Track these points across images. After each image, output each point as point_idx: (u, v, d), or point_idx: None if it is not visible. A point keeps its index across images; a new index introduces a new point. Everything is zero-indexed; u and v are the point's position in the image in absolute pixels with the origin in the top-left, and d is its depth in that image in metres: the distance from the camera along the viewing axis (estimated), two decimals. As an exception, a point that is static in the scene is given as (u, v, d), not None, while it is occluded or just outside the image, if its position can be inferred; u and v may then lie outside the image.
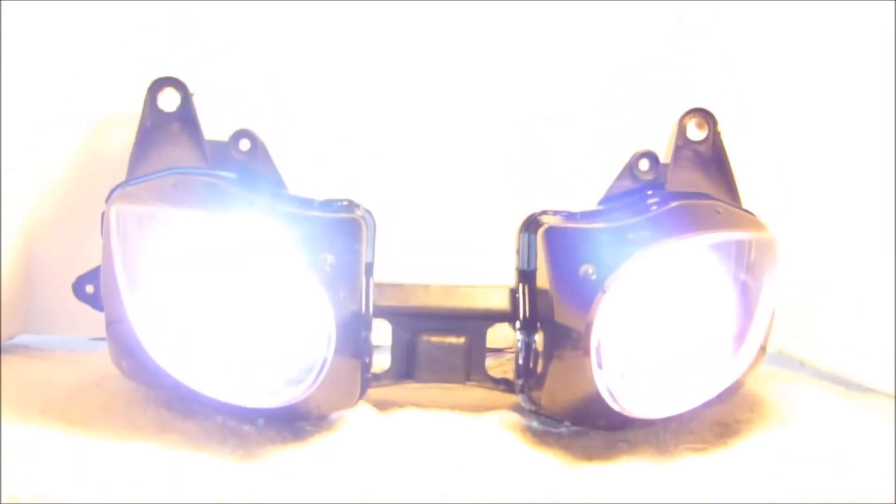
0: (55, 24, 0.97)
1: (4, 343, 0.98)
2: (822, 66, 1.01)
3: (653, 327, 0.80)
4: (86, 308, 0.86)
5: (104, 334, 0.80)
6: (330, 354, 0.74)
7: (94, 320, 0.84)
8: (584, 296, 0.76)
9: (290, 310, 0.77)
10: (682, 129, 0.93)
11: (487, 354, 0.88)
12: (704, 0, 1.03)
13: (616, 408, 0.75)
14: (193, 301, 0.78)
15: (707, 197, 0.86)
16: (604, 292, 0.75)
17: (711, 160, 0.93)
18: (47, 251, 0.99)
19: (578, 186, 0.96)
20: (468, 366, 0.85)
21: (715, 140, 0.93)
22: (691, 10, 1.03)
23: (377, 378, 0.84)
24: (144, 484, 0.70)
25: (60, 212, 0.98)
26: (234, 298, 0.78)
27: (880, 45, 0.96)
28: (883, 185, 0.95)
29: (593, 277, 0.76)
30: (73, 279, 0.86)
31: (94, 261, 0.82)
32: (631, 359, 0.78)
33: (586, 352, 0.75)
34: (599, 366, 0.74)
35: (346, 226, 0.78)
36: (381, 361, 0.86)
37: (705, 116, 0.94)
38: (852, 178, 0.99)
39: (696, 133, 0.94)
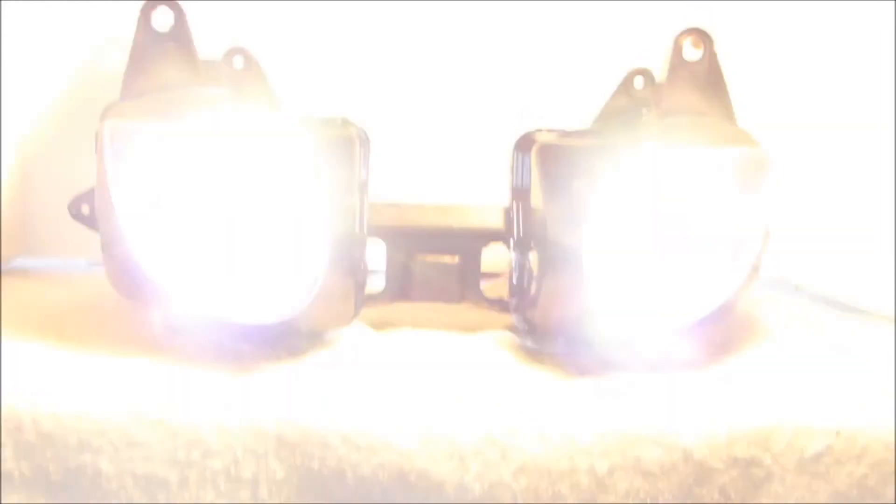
0: None
1: (2, 266, 0.98)
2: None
3: (645, 243, 0.79)
4: (83, 231, 0.87)
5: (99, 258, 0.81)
6: (323, 271, 0.74)
7: (92, 243, 0.85)
8: (577, 212, 0.76)
9: (283, 227, 0.77)
10: (677, 49, 0.92)
11: (483, 278, 0.88)
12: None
13: (608, 324, 0.75)
14: (188, 218, 0.78)
15: (702, 115, 0.86)
16: (596, 208, 0.75)
17: (707, 80, 0.92)
18: (44, 174, 0.99)
19: (574, 104, 0.96)
20: (463, 285, 0.85)
21: (711, 60, 0.93)
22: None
23: (372, 298, 0.85)
24: (138, 397, 0.70)
25: (57, 134, 0.98)
26: (229, 215, 0.77)
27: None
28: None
29: (585, 193, 0.76)
30: (68, 200, 0.87)
31: (90, 183, 0.83)
32: (623, 276, 0.78)
33: (578, 268, 0.75)
34: (591, 282, 0.74)
35: (340, 143, 0.78)
36: (376, 284, 0.87)
37: (701, 36, 0.93)
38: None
39: (692, 52, 0.93)
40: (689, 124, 0.82)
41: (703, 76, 0.92)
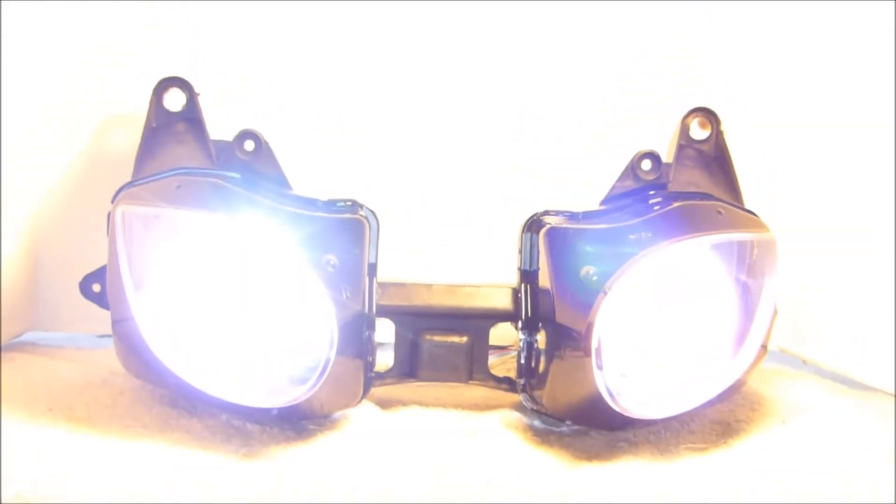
0: (59, 22, 0.98)
1: (12, 341, 0.99)
2: (822, 67, 1.01)
3: (653, 328, 0.80)
4: (92, 305, 0.87)
5: (110, 332, 0.81)
6: (332, 355, 0.74)
7: (101, 317, 0.85)
8: (585, 297, 0.77)
9: (293, 310, 0.77)
10: (685, 129, 0.94)
11: (491, 352, 0.88)
12: (705, 0, 1.03)
13: (616, 409, 0.76)
14: (198, 301, 0.79)
15: (709, 197, 0.87)
16: (604, 293, 0.76)
17: (714, 159, 0.94)
18: (53, 249, 1.00)
19: (581, 186, 0.97)
20: (471, 365, 0.85)
21: (718, 139, 0.94)
22: (693, 11, 1.03)
23: (380, 377, 0.85)
24: (149, 483, 0.70)
25: (66, 210, 0.99)
26: (238, 298, 0.78)
27: (880, 45, 0.96)
28: (883, 185, 0.95)
29: (594, 279, 0.77)
30: (79, 277, 0.88)
31: (100, 259, 0.83)
32: (631, 359, 0.79)
33: (587, 352, 0.75)
34: (599, 367, 0.75)
35: (350, 226, 0.79)
36: (385, 359, 0.87)
37: (708, 116, 0.95)
38: (853, 178, 0.99)
39: (699, 132, 0.94)
40: (695, 210, 0.82)
41: (710, 155, 0.93)
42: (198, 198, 0.78)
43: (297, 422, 0.80)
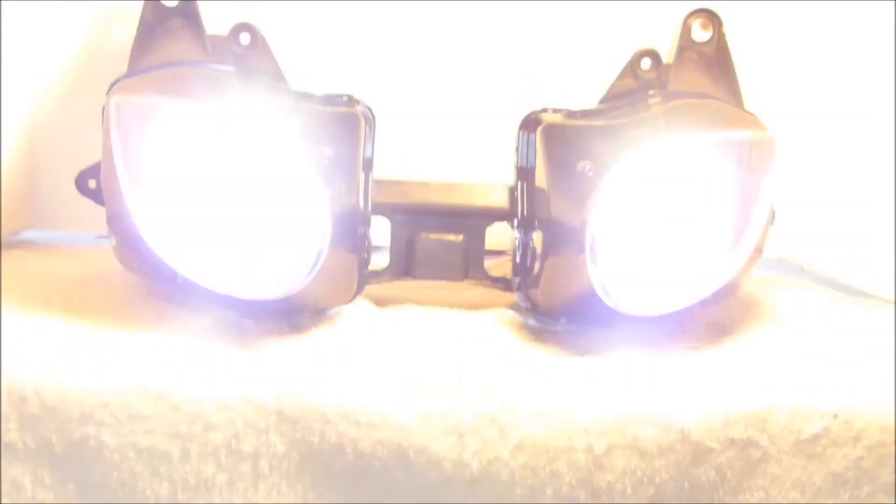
0: None
1: (9, 239, 0.99)
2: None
3: (648, 224, 0.80)
4: (90, 204, 0.87)
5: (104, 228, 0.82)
6: (325, 247, 0.74)
7: (100, 217, 0.85)
8: (581, 192, 0.76)
9: (288, 202, 0.77)
10: (686, 30, 0.92)
11: (487, 256, 0.88)
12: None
13: (610, 304, 0.75)
14: (193, 193, 0.78)
15: (709, 97, 0.86)
16: (600, 189, 0.75)
17: (715, 61, 0.92)
18: (51, 146, 0.99)
19: (581, 84, 0.96)
20: (466, 264, 0.85)
21: (720, 41, 0.93)
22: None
23: (375, 275, 0.85)
24: (141, 371, 0.71)
25: (64, 107, 0.99)
26: (233, 190, 0.78)
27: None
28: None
29: (590, 174, 0.76)
30: (76, 173, 0.88)
31: (97, 156, 0.83)
32: (626, 256, 0.78)
33: (581, 248, 0.75)
34: (594, 262, 0.74)
35: (345, 120, 0.78)
36: (381, 261, 0.87)
37: (710, 17, 0.93)
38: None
39: (700, 34, 0.93)
40: (694, 107, 0.82)
41: (711, 57, 0.92)
42: (193, 88, 0.77)
43: (292, 316, 0.80)
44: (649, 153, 0.76)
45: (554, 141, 0.79)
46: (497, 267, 0.91)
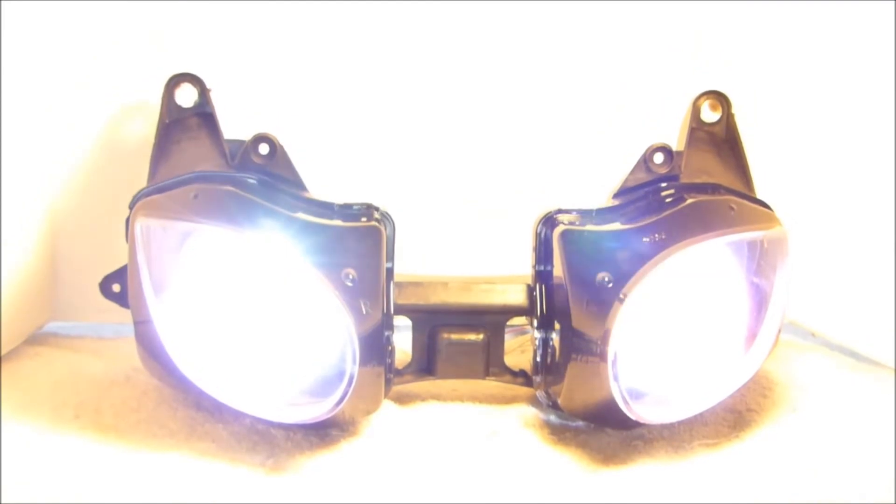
0: (71, 15, 0.97)
1: (34, 333, 1.00)
2: (823, 68, 1.01)
3: (667, 330, 0.81)
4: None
5: (130, 319, 0.83)
6: (356, 370, 0.75)
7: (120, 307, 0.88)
8: (601, 303, 0.78)
9: (313, 323, 0.78)
10: (696, 111, 0.94)
11: (507, 331, 0.90)
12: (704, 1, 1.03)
13: (632, 416, 0.77)
14: (217, 309, 0.80)
15: (721, 189, 0.87)
16: (620, 301, 0.77)
17: (725, 142, 0.94)
18: (71, 238, 1.01)
19: (594, 172, 0.98)
20: (487, 361, 0.87)
21: (729, 121, 0.94)
22: (690, 11, 1.03)
23: (399, 374, 0.86)
24: (179, 497, 0.73)
25: (84, 199, 1.00)
26: (258, 310, 0.79)
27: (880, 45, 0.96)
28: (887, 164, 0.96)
29: (609, 285, 0.78)
30: (97, 265, 0.89)
31: (117, 248, 0.85)
32: (647, 368, 0.80)
33: (603, 357, 0.77)
34: (615, 377, 0.76)
35: (367, 234, 0.79)
36: (400, 342, 0.87)
37: (719, 98, 0.95)
38: (857, 162, 1.00)
39: (709, 114, 0.95)
40: (707, 206, 0.83)
41: (720, 138, 0.94)
42: (215, 209, 0.79)
43: (322, 429, 0.82)
44: (666, 262, 0.78)
45: (572, 248, 0.80)
46: (517, 349, 0.93)
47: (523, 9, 1.02)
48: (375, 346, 0.79)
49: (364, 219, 0.82)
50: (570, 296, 0.79)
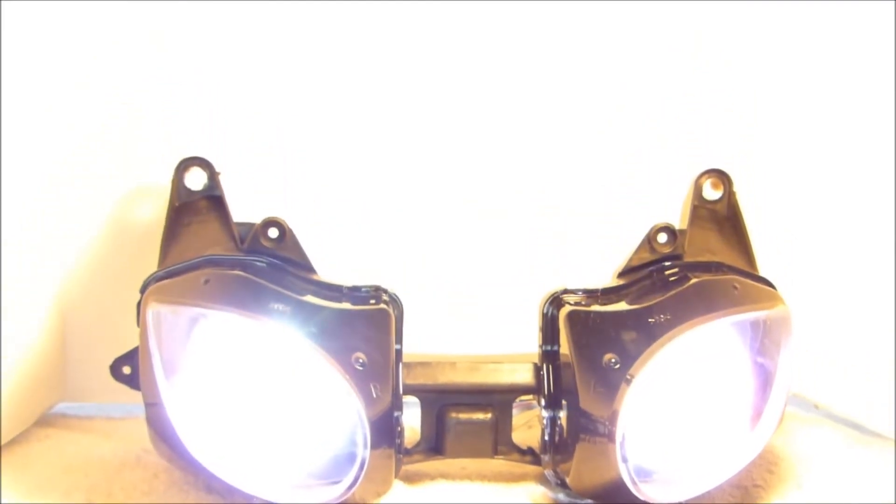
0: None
1: (45, 413, 1.01)
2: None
3: (674, 411, 0.82)
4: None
5: (139, 399, 0.83)
6: (367, 455, 0.76)
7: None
8: (608, 384, 0.79)
9: (322, 406, 0.79)
10: (698, 189, 0.95)
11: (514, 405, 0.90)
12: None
13: (640, 496, 0.78)
14: (228, 393, 0.80)
15: (724, 268, 0.88)
16: (628, 383, 0.78)
17: (727, 219, 0.95)
18: (80, 319, 1.01)
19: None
20: (495, 440, 0.87)
21: (730, 199, 0.96)
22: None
23: (408, 453, 0.87)
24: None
25: (93, 279, 1.01)
26: (267, 394, 0.80)
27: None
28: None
29: (616, 367, 0.79)
30: (107, 347, 0.89)
31: (127, 328, 0.85)
32: (654, 445, 0.81)
33: (611, 438, 0.78)
34: (624, 458, 0.77)
35: (376, 318, 0.81)
36: (407, 420, 0.88)
37: (720, 176, 0.96)
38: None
39: (711, 193, 0.96)
40: (711, 287, 0.84)
41: (722, 215, 0.95)
42: (225, 294, 0.80)
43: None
44: (672, 344, 0.79)
45: (578, 330, 0.82)
46: (524, 424, 0.93)
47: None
48: (386, 429, 0.79)
49: (373, 301, 0.83)
50: (578, 377, 0.80)
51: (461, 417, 0.87)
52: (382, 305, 0.82)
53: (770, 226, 1.02)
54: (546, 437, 0.86)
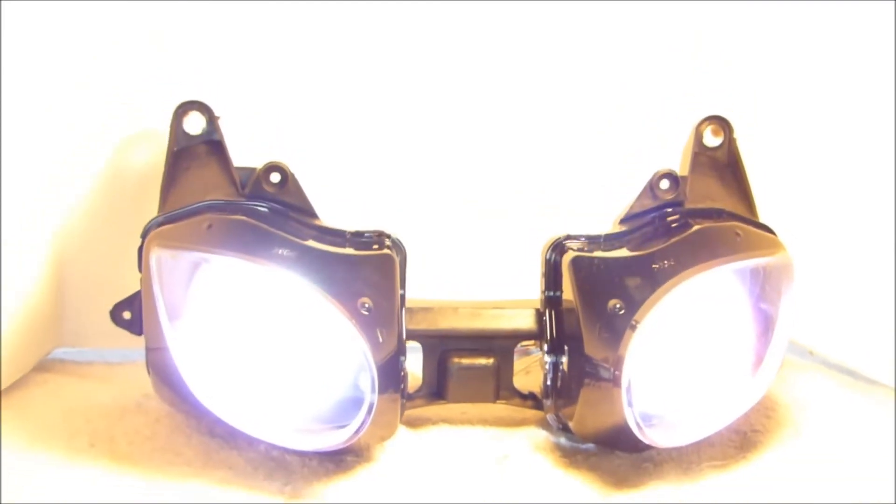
0: (80, 40, 0.97)
1: (41, 360, 1.00)
2: (823, 68, 1.03)
3: (677, 356, 0.83)
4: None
5: (137, 344, 0.84)
6: (375, 399, 0.76)
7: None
8: (613, 329, 0.79)
9: (326, 350, 0.79)
10: (698, 136, 0.96)
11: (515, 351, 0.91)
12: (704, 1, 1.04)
13: (645, 440, 0.78)
14: (232, 338, 0.80)
15: (725, 214, 0.88)
16: (633, 328, 0.78)
17: (727, 166, 0.95)
18: (78, 264, 1.00)
19: (600, 195, 0.99)
20: (497, 385, 0.87)
21: (731, 146, 0.96)
22: (690, 11, 1.04)
23: (410, 398, 0.87)
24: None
25: (90, 224, 1.00)
26: (272, 338, 0.80)
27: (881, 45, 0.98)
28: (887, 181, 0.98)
29: (621, 312, 0.79)
30: (104, 292, 0.89)
31: (125, 273, 0.86)
32: (658, 393, 0.81)
33: (616, 383, 0.78)
34: (629, 403, 0.77)
35: (381, 263, 0.81)
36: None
37: (721, 123, 0.96)
38: (857, 176, 1.01)
39: (712, 140, 0.96)
40: (713, 233, 0.85)
41: (723, 162, 0.95)
42: (229, 239, 0.79)
43: (339, 455, 0.82)
44: (676, 290, 0.79)
45: (582, 275, 0.82)
46: (523, 370, 0.93)
47: (523, 9, 1.03)
48: (392, 374, 0.79)
49: (376, 246, 0.83)
50: (583, 322, 0.80)
51: (463, 362, 0.87)
52: (386, 250, 0.82)
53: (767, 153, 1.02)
54: (548, 382, 0.86)
